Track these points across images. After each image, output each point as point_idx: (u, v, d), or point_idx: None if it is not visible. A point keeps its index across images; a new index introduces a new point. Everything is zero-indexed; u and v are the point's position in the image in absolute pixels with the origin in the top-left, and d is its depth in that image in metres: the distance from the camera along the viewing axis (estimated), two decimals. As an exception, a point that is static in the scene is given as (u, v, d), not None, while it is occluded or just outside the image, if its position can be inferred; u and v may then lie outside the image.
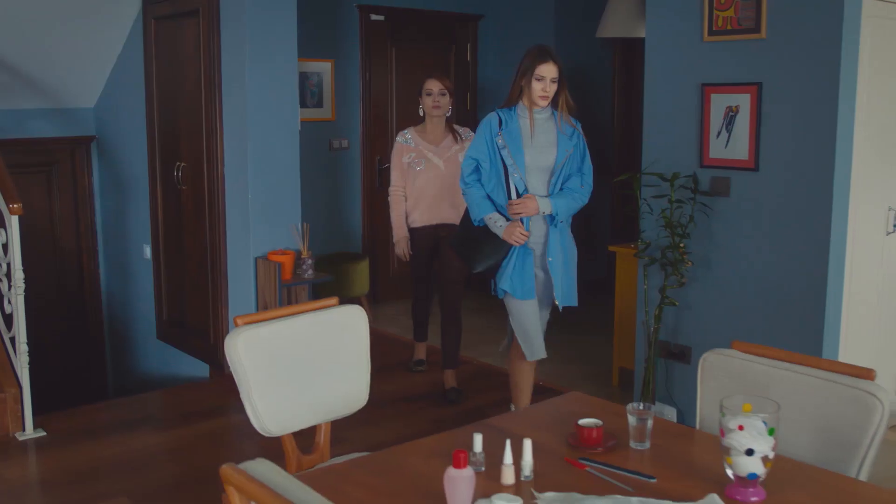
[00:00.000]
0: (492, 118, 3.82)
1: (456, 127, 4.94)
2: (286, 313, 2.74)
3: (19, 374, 4.40)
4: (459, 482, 1.84)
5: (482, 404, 4.75)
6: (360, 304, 6.72)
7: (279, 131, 5.12)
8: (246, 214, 5.10)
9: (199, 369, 5.72)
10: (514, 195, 3.76)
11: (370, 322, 6.56)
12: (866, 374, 2.19)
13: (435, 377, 5.13)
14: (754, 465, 1.92)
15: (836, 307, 3.96)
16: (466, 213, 3.96)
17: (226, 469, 1.59)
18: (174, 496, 3.83)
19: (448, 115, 4.88)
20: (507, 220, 3.79)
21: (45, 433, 4.43)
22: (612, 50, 7.55)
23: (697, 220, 4.25)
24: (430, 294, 5.19)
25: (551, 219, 3.79)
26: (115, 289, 6.84)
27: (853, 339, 4.14)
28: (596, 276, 6.89)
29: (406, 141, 4.86)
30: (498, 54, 7.68)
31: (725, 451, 1.95)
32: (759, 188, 4.07)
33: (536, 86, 3.70)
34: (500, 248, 3.81)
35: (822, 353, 3.91)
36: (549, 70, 3.69)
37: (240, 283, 5.24)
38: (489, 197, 3.82)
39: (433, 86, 4.79)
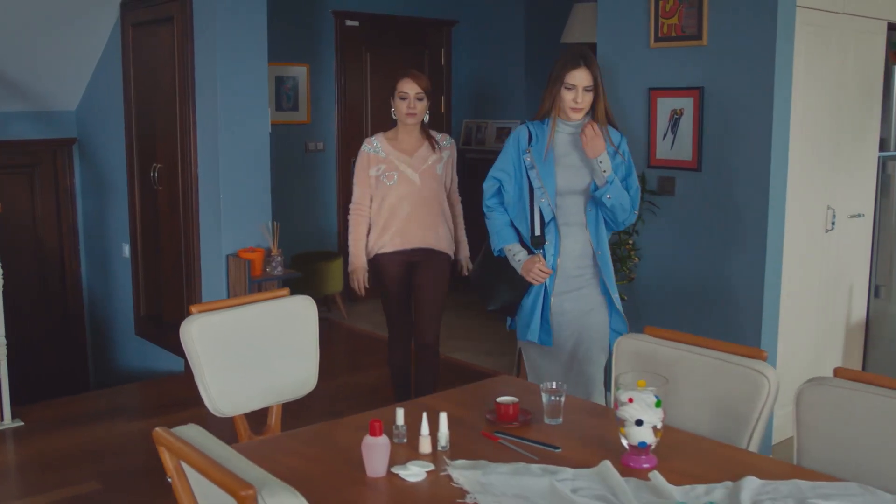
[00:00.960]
0: (521, 132, 3.33)
1: (433, 133, 4.23)
2: (239, 303, 2.94)
3: (-3, 366, 4.59)
4: (375, 448, 2.05)
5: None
6: (335, 301, 6.93)
7: (250, 133, 5.28)
8: (218, 214, 5.28)
9: (175, 364, 5.90)
10: (537, 223, 3.29)
11: (344, 319, 6.79)
12: (758, 354, 2.40)
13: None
14: (645, 435, 2.12)
15: (773, 302, 4.16)
16: (487, 241, 3.53)
17: (157, 431, 1.80)
18: (144, 481, 4.00)
19: (426, 120, 4.20)
20: (531, 252, 3.33)
21: (22, 423, 4.62)
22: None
23: (646, 218, 4.46)
24: (410, 337, 4.40)
25: (594, 226, 3.33)
26: (96, 287, 7.02)
27: (792, 333, 4.34)
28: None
29: (373, 150, 4.16)
30: (472, 59, 7.89)
31: (620, 422, 2.15)
32: (702, 188, 4.28)
33: (567, 96, 3.20)
34: (518, 284, 3.35)
35: (761, 346, 4.11)
36: (581, 77, 3.18)
37: (212, 279, 5.43)
38: (513, 224, 3.37)
39: (408, 88, 4.08)
